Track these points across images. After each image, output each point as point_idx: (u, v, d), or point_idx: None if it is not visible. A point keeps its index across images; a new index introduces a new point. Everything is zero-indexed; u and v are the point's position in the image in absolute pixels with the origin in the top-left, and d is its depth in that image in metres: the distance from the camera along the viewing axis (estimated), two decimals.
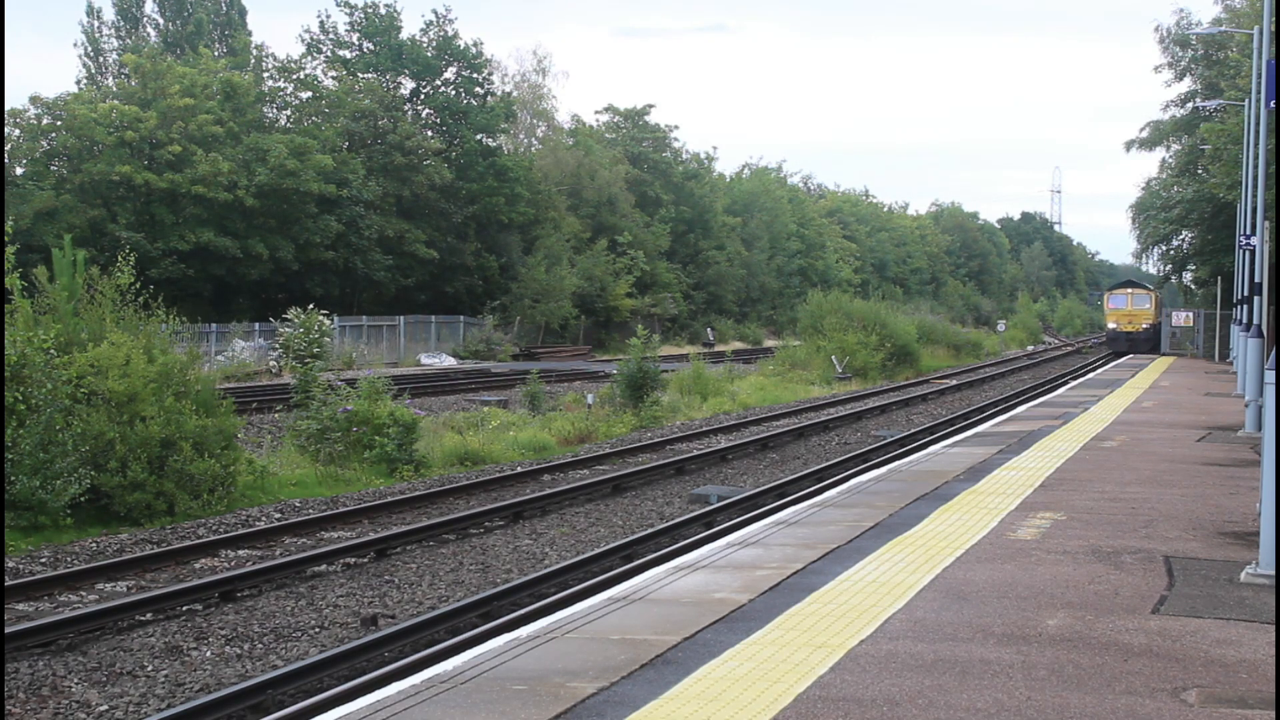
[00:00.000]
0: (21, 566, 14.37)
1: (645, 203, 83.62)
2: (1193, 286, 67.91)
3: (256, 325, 49.50)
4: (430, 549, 15.79)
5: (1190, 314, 58.97)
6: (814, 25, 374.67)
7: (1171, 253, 62.67)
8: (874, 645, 7.14)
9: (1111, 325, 68.49)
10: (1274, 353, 9.15)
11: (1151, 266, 72.93)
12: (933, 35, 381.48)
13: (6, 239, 19.56)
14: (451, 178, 64.33)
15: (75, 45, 69.54)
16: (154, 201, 52.41)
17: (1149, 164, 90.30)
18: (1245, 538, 10.44)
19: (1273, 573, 8.73)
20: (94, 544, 15.68)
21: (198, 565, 14.80)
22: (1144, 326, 66.34)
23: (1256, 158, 25.82)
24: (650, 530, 16.50)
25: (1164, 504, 12.26)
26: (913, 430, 29.19)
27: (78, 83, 64.68)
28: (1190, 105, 54.25)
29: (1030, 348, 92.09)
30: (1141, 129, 61.64)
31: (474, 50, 67.78)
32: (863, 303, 57.41)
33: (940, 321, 75.24)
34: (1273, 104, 19.46)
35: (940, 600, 8.22)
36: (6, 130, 50.34)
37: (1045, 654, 6.99)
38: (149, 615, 12.33)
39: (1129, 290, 69.13)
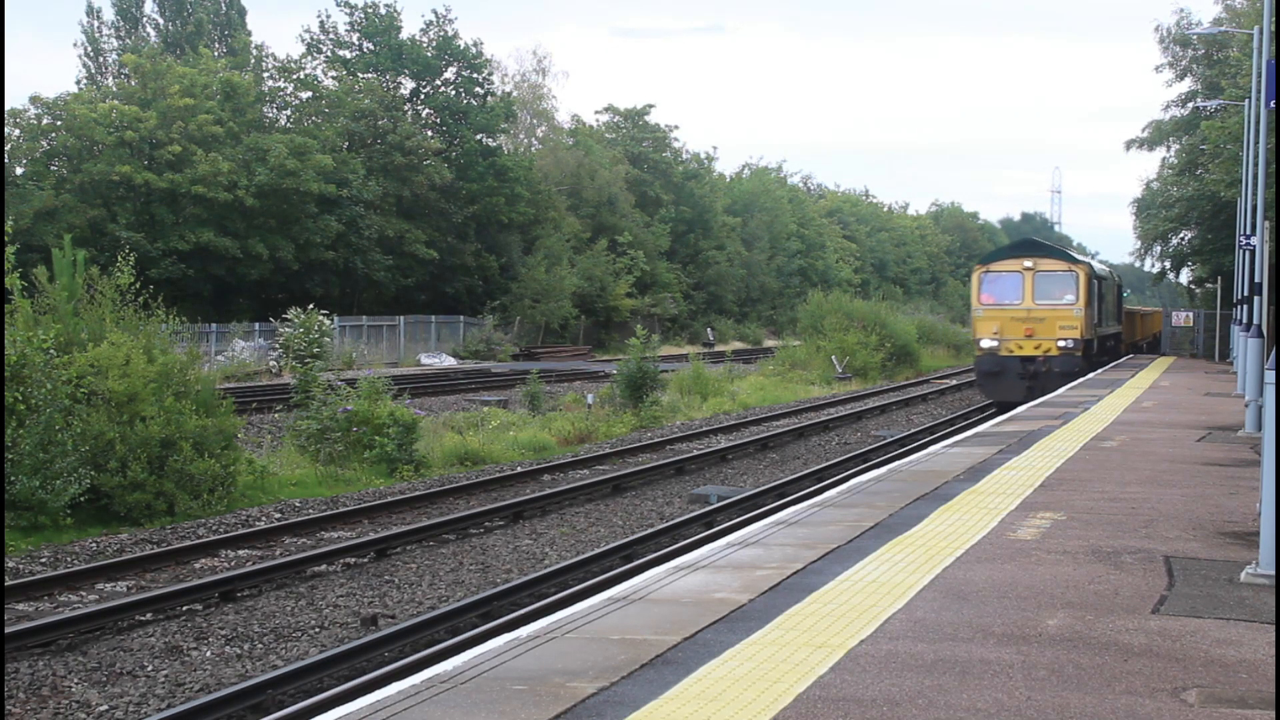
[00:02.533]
0: (21, 566, 14.37)
1: (645, 203, 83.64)
2: (1193, 286, 67.30)
3: (256, 325, 49.51)
4: (430, 549, 15.79)
5: (1190, 314, 58.54)
6: (812, 26, 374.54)
7: (1172, 251, 62.32)
8: (874, 645, 7.14)
9: (987, 341, 33.52)
10: (1274, 353, 9.15)
11: (1152, 265, 69.23)
12: (932, 35, 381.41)
13: (6, 239, 19.55)
14: (451, 178, 64.33)
15: (75, 45, 69.63)
16: (154, 201, 52.41)
17: (1149, 164, 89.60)
18: (1245, 538, 10.43)
19: (1273, 573, 8.73)
20: (94, 544, 15.68)
21: (198, 565, 14.80)
22: (1063, 343, 33.18)
23: (1256, 157, 25.81)
24: (650, 530, 16.50)
25: (1164, 504, 12.25)
26: (913, 430, 29.19)
27: (78, 83, 64.72)
28: (1191, 105, 54.25)
29: None
30: (1143, 129, 61.62)
31: (474, 50, 67.79)
32: (863, 303, 57.41)
33: (940, 321, 75.21)
34: (1273, 104, 19.46)
35: (940, 600, 8.22)
36: (6, 130, 50.34)
37: (1045, 654, 6.99)
38: (149, 615, 12.33)
39: (1026, 262, 33.73)
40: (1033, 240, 38.66)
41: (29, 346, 16.97)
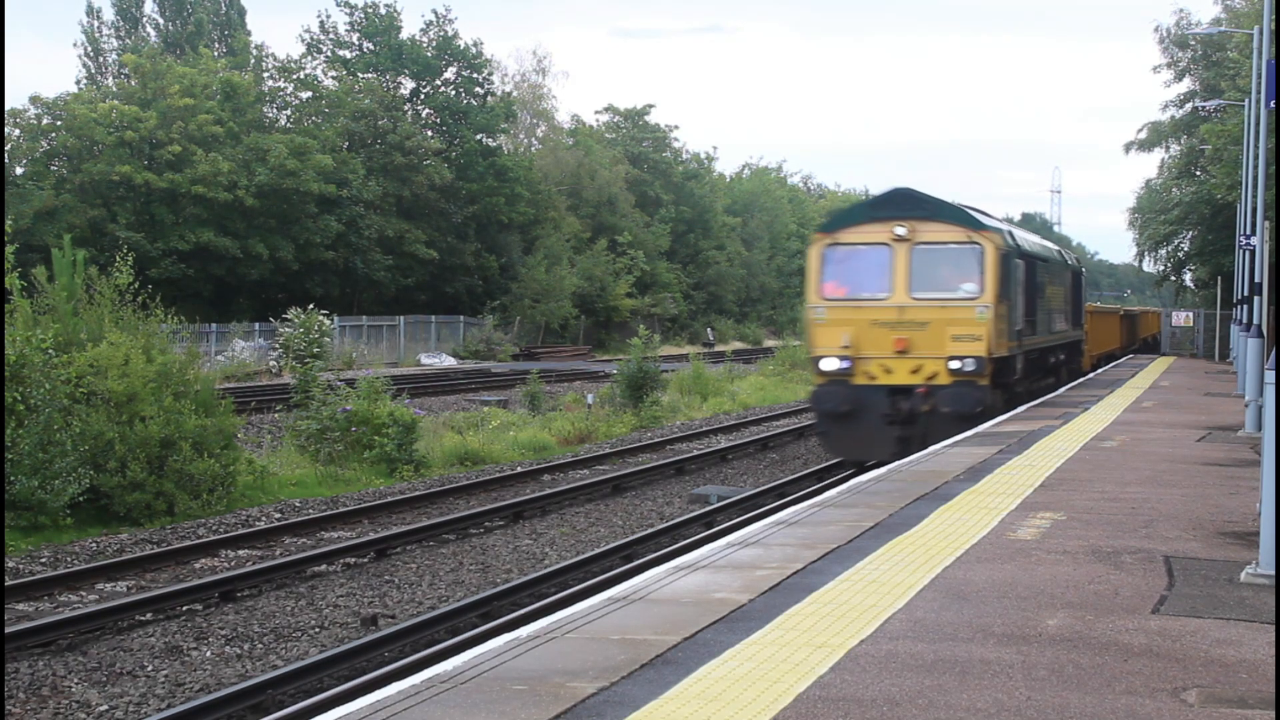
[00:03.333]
0: (21, 566, 14.36)
1: (645, 203, 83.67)
2: (1193, 286, 67.16)
3: (256, 325, 49.51)
4: (430, 549, 15.79)
5: (1190, 314, 58.44)
6: (811, 25, 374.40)
7: (1170, 254, 62.31)
8: (874, 645, 7.13)
9: (831, 361, 20.82)
10: (1274, 353, 9.15)
11: (1151, 267, 68.79)
12: (931, 35, 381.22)
13: (6, 238, 19.56)
14: (451, 178, 64.35)
15: (75, 45, 69.70)
16: (154, 201, 52.43)
17: (1148, 165, 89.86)
18: (1245, 538, 10.43)
19: (1273, 573, 8.72)
20: (94, 544, 15.68)
21: (198, 565, 14.80)
22: (957, 364, 20.45)
23: (1256, 158, 25.82)
24: (650, 530, 16.50)
25: (1164, 504, 12.25)
26: None
27: (78, 83, 64.75)
28: (1190, 106, 54.28)
29: None
30: (1139, 130, 61.73)
31: (474, 50, 67.82)
32: None
33: None
34: (1273, 104, 19.47)
35: (940, 600, 8.21)
36: (6, 130, 50.36)
37: (1045, 654, 6.98)
38: (149, 615, 12.33)
39: (897, 228, 20.82)
40: (909, 192, 21.76)
41: (28, 346, 16.97)
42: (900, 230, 20.67)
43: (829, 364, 20.76)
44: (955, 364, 20.37)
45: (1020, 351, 22.87)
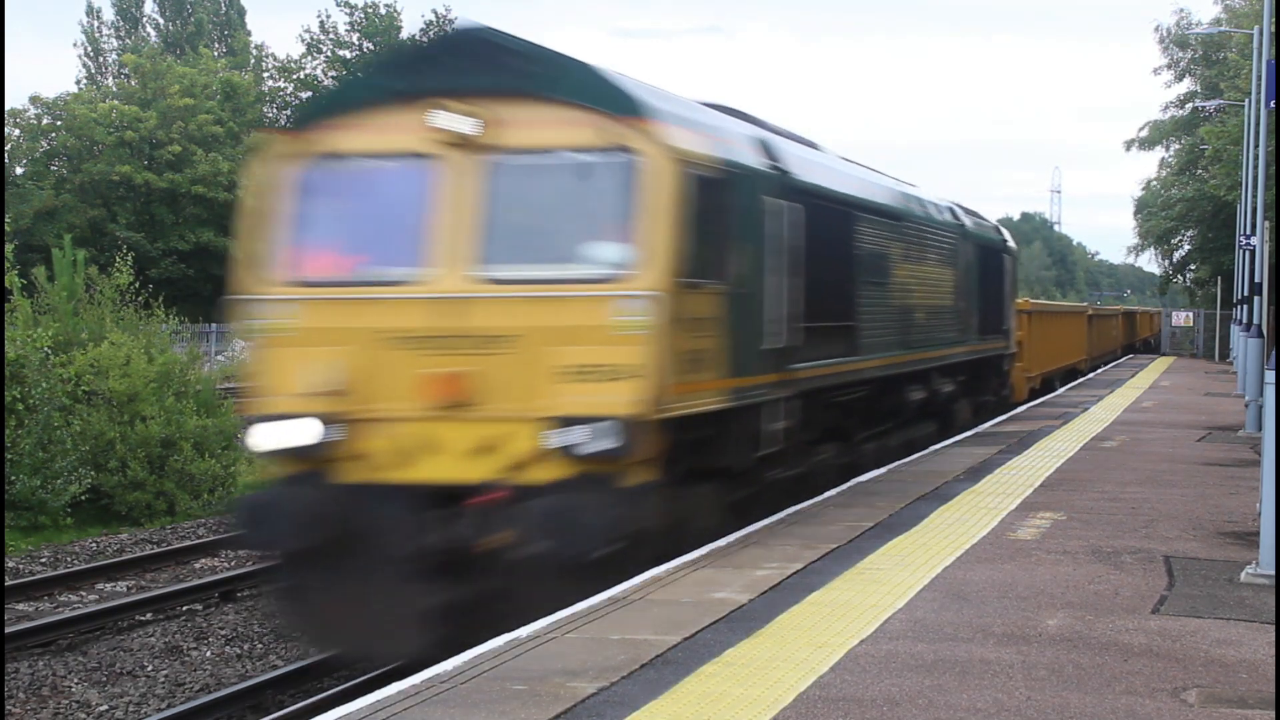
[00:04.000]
0: (21, 566, 14.36)
1: None
2: (1193, 286, 67.13)
3: None
4: None
5: (1190, 314, 58.40)
6: (809, 26, 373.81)
7: (1171, 249, 62.24)
8: (874, 645, 7.13)
9: (290, 429, 9.08)
10: (1274, 353, 9.15)
11: (1153, 266, 68.57)
12: (930, 35, 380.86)
13: (5, 237, 19.56)
14: None
15: (75, 45, 69.74)
16: (154, 201, 52.46)
17: (1149, 164, 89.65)
18: (1245, 538, 10.43)
19: (1273, 573, 8.73)
20: (94, 544, 15.69)
21: (198, 565, 14.80)
22: (570, 440, 8.78)
23: (1256, 159, 25.82)
24: None
25: (1164, 504, 12.25)
26: None
27: (78, 83, 64.78)
28: (1190, 106, 54.33)
29: None
30: (1140, 129, 61.73)
31: None
32: None
33: None
34: (1273, 104, 19.48)
35: (940, 600, 8.21)
36: (6, 130, 50.40)
37: (1045, 654, 6.98)
38: (149, 615, 12.33)
39: (439, 115, 9.11)
40: (479, 35, 9.79)
41: (26, 346, 16.96)
42: (454, 122, 9.46)
43: (286, 435, 9.36)
44: (563, 438, 9.02)
45: (788, 394, 11.42)
